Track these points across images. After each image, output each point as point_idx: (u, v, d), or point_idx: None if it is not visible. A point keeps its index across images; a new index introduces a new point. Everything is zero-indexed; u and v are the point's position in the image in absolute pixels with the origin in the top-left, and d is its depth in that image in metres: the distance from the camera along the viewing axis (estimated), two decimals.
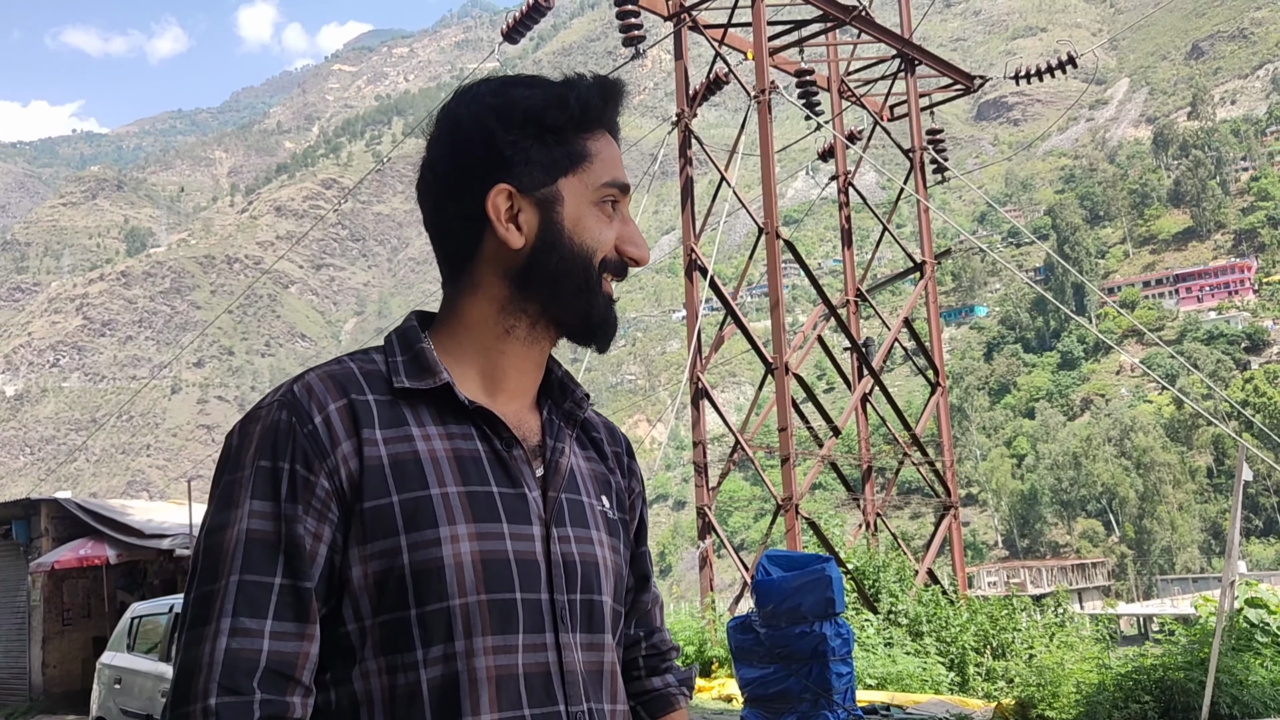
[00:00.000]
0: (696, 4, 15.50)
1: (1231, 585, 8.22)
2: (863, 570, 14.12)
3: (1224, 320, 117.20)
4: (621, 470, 1.46)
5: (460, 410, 1.26)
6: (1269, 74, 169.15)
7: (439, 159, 1.32)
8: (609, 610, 1.31)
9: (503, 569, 1.20)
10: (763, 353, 14.45)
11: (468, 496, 1.21)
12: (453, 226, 1.31)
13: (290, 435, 1.19)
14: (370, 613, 1.18)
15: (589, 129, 1.31)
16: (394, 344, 1.31)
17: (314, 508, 1.18)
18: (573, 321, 1.31)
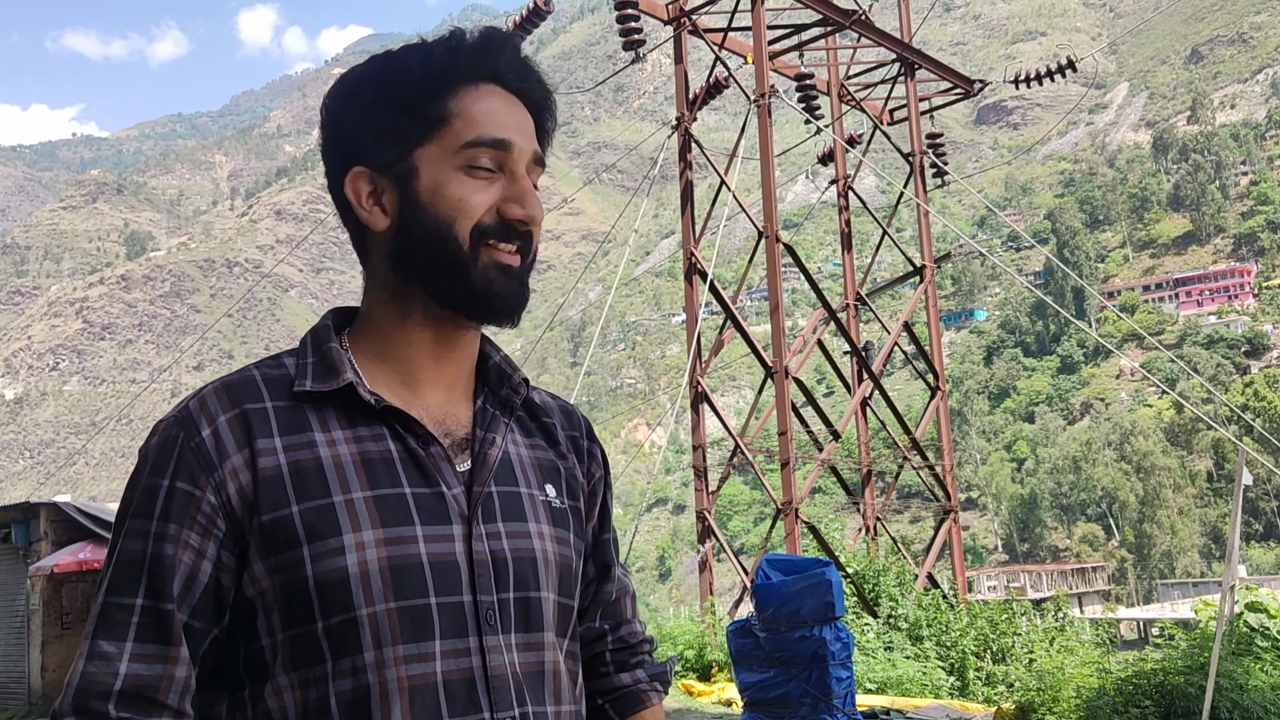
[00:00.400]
0: (696, 8, 15.52)
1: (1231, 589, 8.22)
2: (863, 574, 14.11)
3: (1224, 324, 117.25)
4: (579, 454, 1.40)
5: (369, 410, 1.21)
6: (1268, 78, 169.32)
7: (322, 151, 1.28)
8: (551, 606, 1.25)
9: (414, 574, 1.15)
10: (762, 356, 14.45)
11: (375, 501, 1.16)
12: (343, 220, 1.28)
13: (176, 451, 1.15)
14: (280, 627, 1.15)
15: (449, 89, 1.22)
16: (306, 345, 1.26)
17: (199, 523, 1.14)
18: (455, 298, 1.22)
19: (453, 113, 1.21)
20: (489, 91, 1.23)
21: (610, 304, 21.80)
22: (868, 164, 17.66)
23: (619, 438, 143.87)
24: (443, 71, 1.23)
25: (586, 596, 1.40)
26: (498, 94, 1.24)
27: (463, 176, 1.21)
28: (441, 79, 1.22)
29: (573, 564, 1.31)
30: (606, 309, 20.83)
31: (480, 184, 1.21)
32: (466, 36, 1.25)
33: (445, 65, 1.23)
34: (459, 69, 1.23)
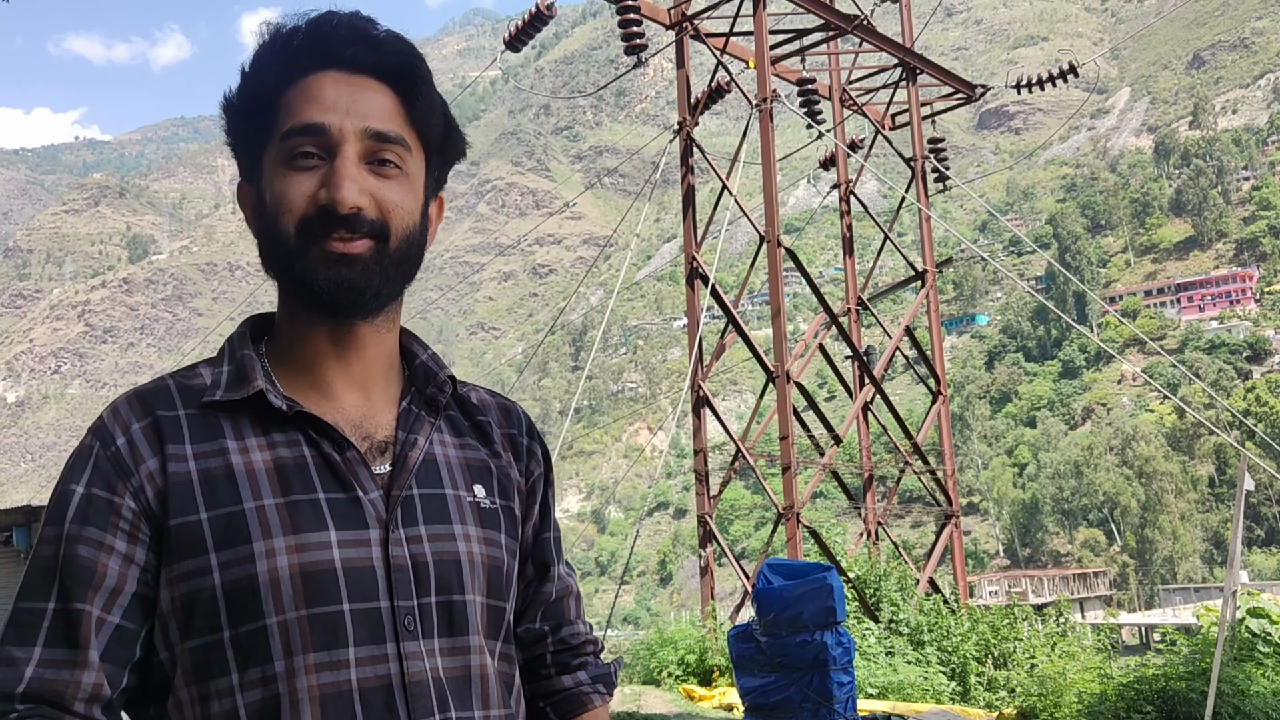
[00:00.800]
0: (698, 13, 15.53)
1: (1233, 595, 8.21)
2: (864, 579, 14.10)
3: (1226, 329, 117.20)
4: (517, 452, 1.37)
5: (283, 417, 1.19)
6: (1270, 83, 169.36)
7: None
8: (478, 609, 1.22)
9: (327, 581, 1.12)
10: (764, 361, 14.45)
11: (288, 507, 1.13)
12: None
13: (91, 459, 1.15)
14: (179, 638, 1.12)
15: (282, 87, 1.20)
16: (224, 354, 1.26)
17: (121, 529, 1.12)
18: (297, 292, 1.20)
19: (281, 108, 1.19)
20: (318, 79, 1.20)
21: (612, 308, 21.80)
22: (869, 169, 17.66)
23: (620, 442, 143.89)
24: (272, 72, 1.20)
25: (525, 597, 1.37)
26: (330, 79, 1.20)
27: (286, 171, 1.18)
28: (273, 80, 1.20)
29: (504, 565, 1.27)
30: (608, 313, 20.84)
31: (302, 175, 1.18)
32: (295, 30, 1.22)
33: (274, 65, 1.21)
34: (290, 64, 1.20)
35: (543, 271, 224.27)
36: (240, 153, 1.25)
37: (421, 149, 1.25)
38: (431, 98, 1.25)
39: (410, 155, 1.22)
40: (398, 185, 1.20)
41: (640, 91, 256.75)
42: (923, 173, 17.75)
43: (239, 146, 1.25)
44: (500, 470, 1.32)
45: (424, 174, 1.26)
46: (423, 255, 1.28)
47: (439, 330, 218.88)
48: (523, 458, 1.37)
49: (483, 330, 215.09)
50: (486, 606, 1.23)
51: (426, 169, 1.26)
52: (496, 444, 1.34)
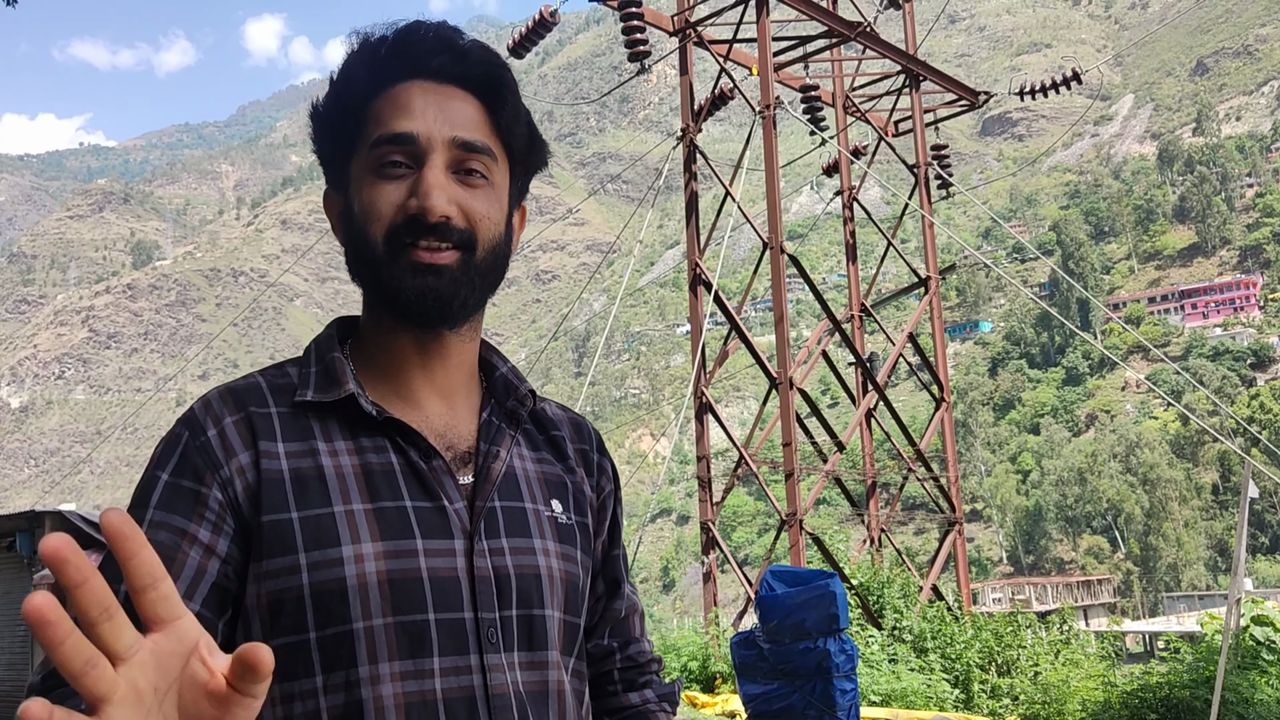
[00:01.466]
0: (702, 20, 15.55)
1: (1237, 603, 8.20)
2: (867, 586, 14.07)
3: (1229, 336, 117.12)
4: (589, 468, 1.37)
5: (371, 422, 1.19)
6: (1274, 90, 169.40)
7: None
8: (556, 624, 1.22)
9: (413, 589, 1.12)
10: (767, 367, 14.44)
11: (375, 514, 1.14)
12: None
13: (179, 448, 1.15)
14: (263, 635, 1.12)
15: (371, 97, 1.21)
16: (310, 355, 1.26)
17: (207, 520, 1.12)
18: (382, 301, 1.21)
19: (370, 118, 1.20)
20: (406, 88, 1.20)
21: (615, 314, 21.82)
22: (873, 175, 17.66)
23: (623, 448, 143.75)
24: (360, 81, 1.21)
25: (595, 613, 1.37)
26: (417, 88, 1.20)
27: (375, 180, 1.19)
28: (361, 89, 1.21)
29: (579, 581, 1.27)
30: (611, 319, 20.83)
31: (391, 184, 1.18)
32: (382, 39, 1.22)
33: (362, 74, 1.21)
34: (379, 74, 1.21)
35: (546, 278, 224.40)
36: (327, 161, 1.26)
37: (506, 159, 1.25)
38: (516, 108, 1.25)
39: (496, 165, 1.22)
40: (484, 195, 1.20)
41: (644, 98, 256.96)
42: (926, 179, 17.76)
43: (326, 155, 1.26)
44: (575, 486, 1.32)
45: (509, 184, 1.26)
46: (507, 265, 1.28)
47: None
48: (594, 474, 1.37)
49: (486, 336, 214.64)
50: (564, 622, 1.23)
51: (511, 179, 1.27)
52: (570, 459, 1.34)
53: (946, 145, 18.89)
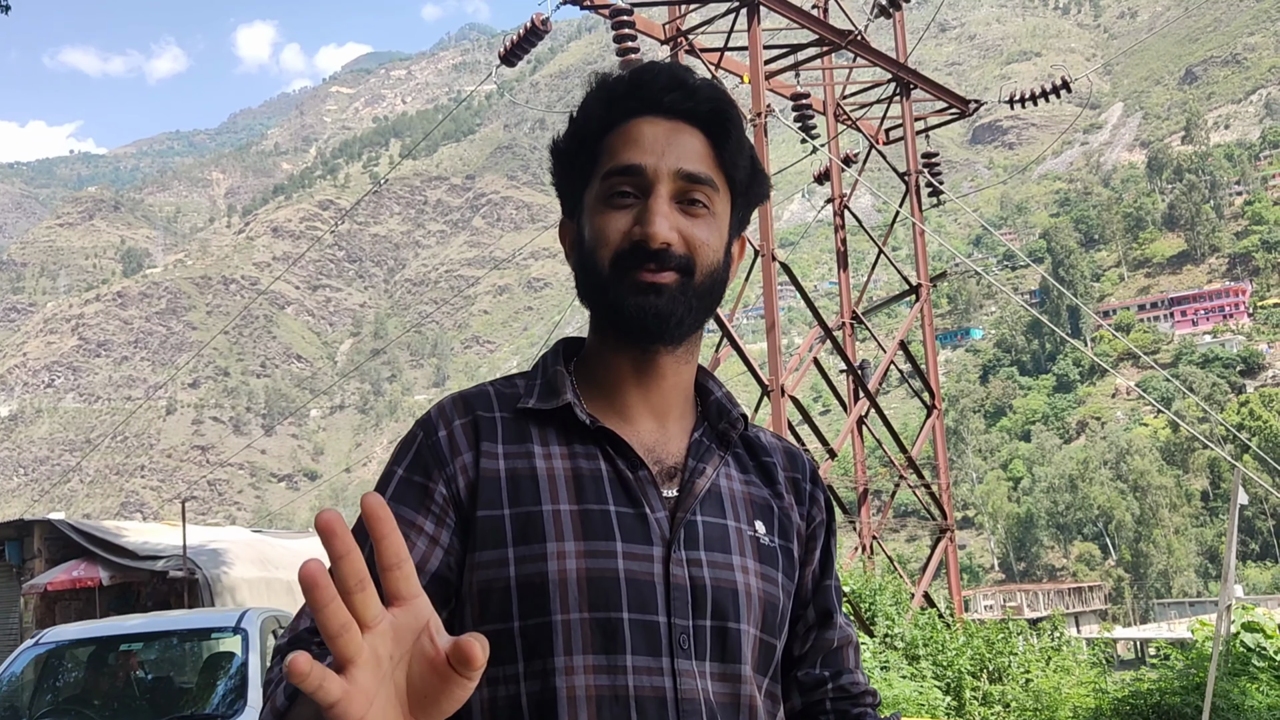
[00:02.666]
0: (693, 28, 15.58)
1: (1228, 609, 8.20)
2: (859, 593, 14.07)
3: (1219, 344, 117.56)
4: (799, 496, 1.40)
5: (585, 431, 1.26)
6: (1262, 99, 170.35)
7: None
8: (751, 641, 1.25)
9: (610, 588, 1.18)
10: (759, 375, 14.45)
11: (581, 515, 1.21)
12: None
13: (414, 446, 1.25)
14: (473, 622, 1.20)
15: (604, 132, 1.30)
16: (537, 369, 1.34)
17: (433, 512, 1.21)
18: (610, 318, 1.28)
19: (602, 151, 1.28)
20: (638, 123, 1.28)
21: None
22: (864, 183, 17.70)
23: None
24: (596, 117, 1.30)
25: (806, 642, 1.39)
26: (647, 123, 1.28)
27: (604, 209, 1.27)
28: (597, 124, 1.29)
29: (779, 603, 1.30)
30: None
31: (619, 213, 1.26)
32: (620, 79, 1.31)
33: (599, 111, 1.30)
34: (613, 110, 1.29)
35: (538, 285, 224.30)
36: (564, 192, 1.35)
37: (728, 190, 1.31)
38: (740, 142, 1.31)
39: (718, 195, 1.29)
40: (705, 224, 1.26)
41: None
42: (917, 187, 17.80)
43: (563, 186, 1.35)
44: (781, 511, 1.36)
45: (729, 214, 1.32)
46: (724, 291, 1.33)
47: (434, 343, 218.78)
48: (805, 502, 1.40)
49: (478, 344, 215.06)
50: (759, 640, 1.26)
51: (732, 209, 1.33)
52: (780, 485, 1.37)
53: (937, 153, 18.94)
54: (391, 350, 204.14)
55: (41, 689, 6.77)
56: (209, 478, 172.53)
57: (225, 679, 6.60)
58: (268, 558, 15.98)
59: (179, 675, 7.67)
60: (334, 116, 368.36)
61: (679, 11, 15.57)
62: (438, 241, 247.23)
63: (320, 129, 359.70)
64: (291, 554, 16.67)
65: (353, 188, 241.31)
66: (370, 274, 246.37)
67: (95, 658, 7.07)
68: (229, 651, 6.82)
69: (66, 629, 7.43)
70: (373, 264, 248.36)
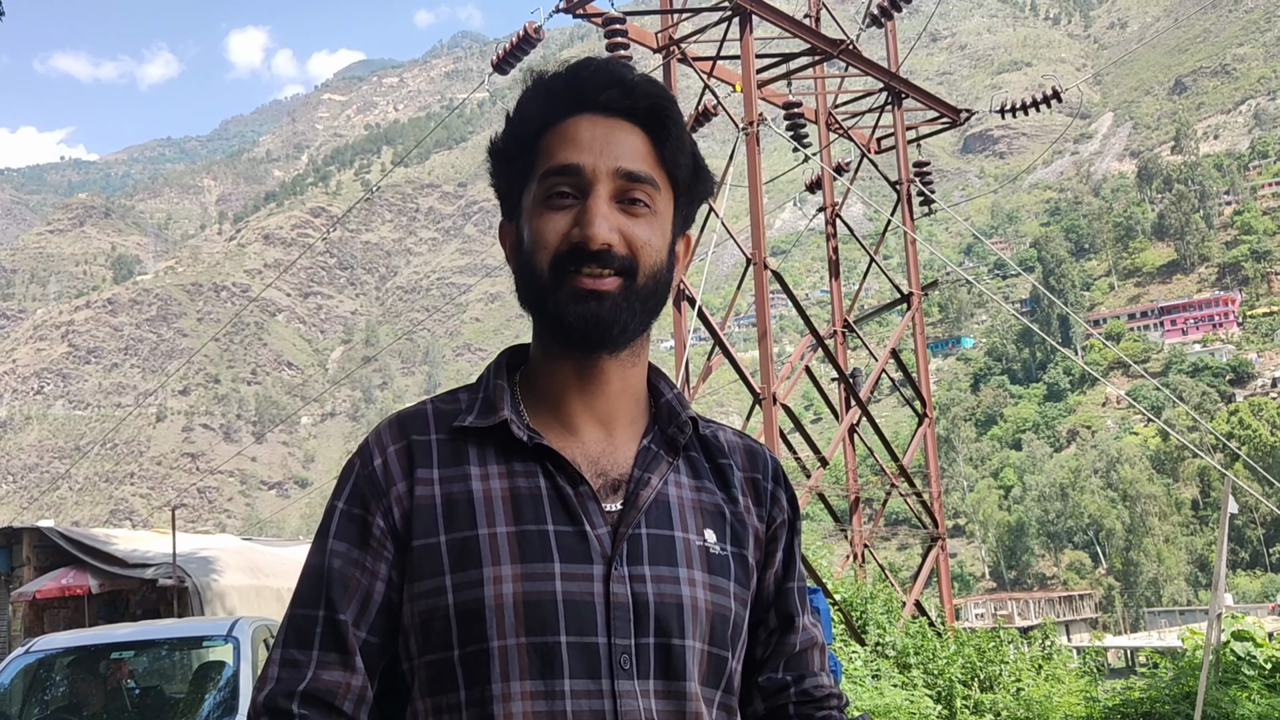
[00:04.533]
0: (686, 37, 15.62)
1: (1218, 618, 8.22)
2: (850, 601, 14.07)
3: (1209, 353, 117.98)
4: (758, 496, 1.35)
5: (524, 448, 1.22)
6: (1251, 109, 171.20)
7: None
8: (697, 655, 1.21)
9: (547, 611, 1.15)
10: (750, 383, 14.46)
11: (518, 536, 1.17)
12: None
13: (351, 478, 1.24)
14: (417, 652, 1.19)
15: (542, 131, 1.26)
16: (481, 382, 1.31)
17: (371, 546, 1.20)
18: (551, 326, 1.24)
19: (541, 150, 1.25)
20: (576, 122, 1.25)
21: None
22: (855, 192, 17.75)
23: None
24: (533, 116, 1.27)
25: (768, 646, 1.36)
26: (586, 121, 1.25)
27: (543, 210, 1.23)
28: (534, 124, 1.26)
29: (730, 614, 1.26)
30: None
31: (557, 214, 1.22)
32: (556, 76, 1.28)
33: (535, 110, 1.27)
34: (550, 109, 1.26)
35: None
36: (503, 194, 1.31)
37: (670, 188, 1.28)
38: (681, 139, 1.28)
39: (659, 194, 1.26)
40: (646, 223, 1.23)
41: None
42: (908, 196, 17.84)
43: (501, 188, 1.31)
44: (735, 516, 1.31)
45: (672, 212, 1.29)
46: (669, 292, 1.29)
47: (425, 351, 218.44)
48: (765, 503, 1.35)
49: (469, 351, 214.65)
50: (707, 654, 1.22)
51: (675, 208, 1.30)
52: (736, 488, 1.33)
53: (928, 162, 18.99)
54: (383, 357, 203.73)
55: (32, 698, 6.71)
56: (199, 485, 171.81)
57: (216, 688, 6.57)
58: (258, 566, 15.93)
59: (169, 684, 7.63)
60: (326, 124, 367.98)
61: (671, 20, 15.60)
62: (430, 249, 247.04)
63: (312, 136, 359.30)
64: (282, 562, 16.63)
65: (344, 195, 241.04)
66: (362, 281, 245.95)
67: (86, 666, 7.04)
68: (220, 660, 6.80)
69: (57, 637, 7.37)
70: (364, 271, 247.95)
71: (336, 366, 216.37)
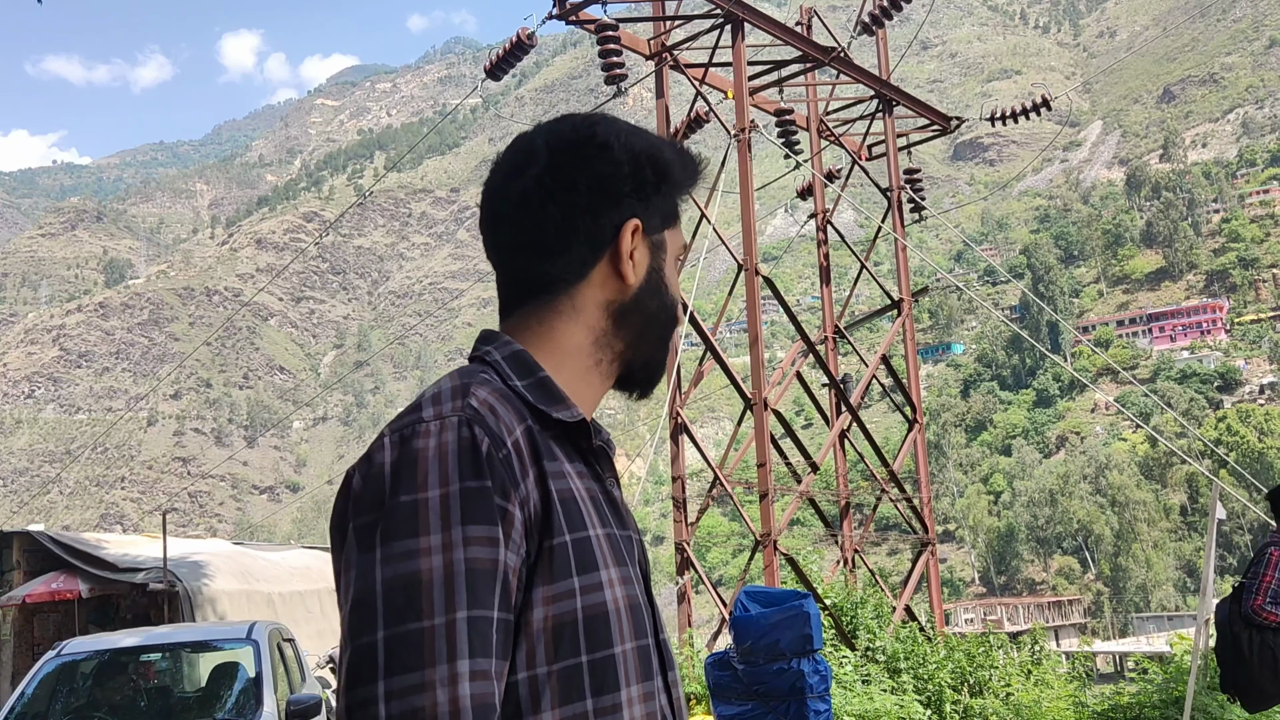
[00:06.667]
0: (678, 44, 15.68)
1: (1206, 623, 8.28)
2: (841, 607, 14.11)
3: (1197, 359, 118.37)
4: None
5: (578, 446, 1.22)
6: (1239, 118, 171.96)
7: (577, 174, 1.24)
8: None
9: (639, 615, 1.19)
10: (742, 388, 14.50)
11: (607, 539, 1.18)
12: (564, 245, 1.25)
13: (489, 456, 1.08)
14: (546, 660, 1.10)
15: (684, 193, 1.36)
16: (504, 366, 1.22)
17: (513, 539, 1.08)
18: (643, 366, 1.29)
19: (680, 214, 1.36)
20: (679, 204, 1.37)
21: None
22: (846, 199, 17.82)
23: None
24: (692, 180, 1.36)
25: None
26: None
27: (674, 269, 1.35)
28: (690, 184, 1.36)
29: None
30: None
31: (675, 279, 1.36)
32: (696, 159, 1.37)
33: (693, 176, 1.36)
34: (693, 182, 1.36)
35: None
36: (647, 200, 1.33)
37: None
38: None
39: None
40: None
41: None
42: (899, 203, 17.92)
43: (652, 195, 1.33)
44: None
45: None
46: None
47: (418, 356, 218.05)
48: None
49: (461, 356, 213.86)
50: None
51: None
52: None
53: (919, 169, 19.08)
54: (375, 362, 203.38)
55: (62, 700, 7.02)
56: (190, 489, 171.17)
57: (235, 687, 7.05)
58: (249, 570, 15.92)
59: (190, 685, 8.16)
60: (319, 129, 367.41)
61: (664, 27, 15.68)
62: (422, 254, 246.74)
63: (305, 141, 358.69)
64: (273, 567, 16.62)
65: (337, 200, 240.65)
66: (354, 286, 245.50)
67: (114, 669, 7.41)
68: (234, 662, 7.27)
69: (85, 641, 7.77)
70: (356, 276, 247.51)
71: (328, 371, 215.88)
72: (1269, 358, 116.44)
